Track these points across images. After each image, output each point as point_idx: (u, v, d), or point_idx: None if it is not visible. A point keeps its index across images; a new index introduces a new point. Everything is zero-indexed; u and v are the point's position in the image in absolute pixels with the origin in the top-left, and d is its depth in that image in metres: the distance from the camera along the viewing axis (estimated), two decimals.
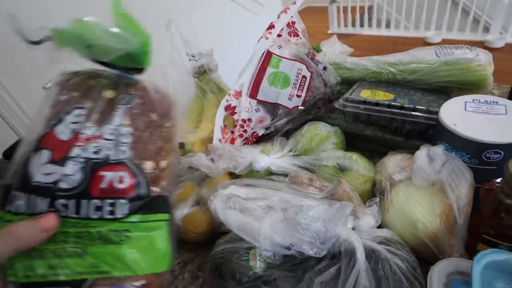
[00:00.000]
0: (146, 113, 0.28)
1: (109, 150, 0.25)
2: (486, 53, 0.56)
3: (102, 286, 0.24)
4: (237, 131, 0.56)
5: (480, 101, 0.38)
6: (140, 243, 0.25)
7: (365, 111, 0.50)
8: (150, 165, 0.26)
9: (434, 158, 0.35)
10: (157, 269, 0.26)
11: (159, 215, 0.27)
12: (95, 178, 0.25)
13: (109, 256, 0.24)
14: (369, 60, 0.66)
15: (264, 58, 0.59)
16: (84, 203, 0.24)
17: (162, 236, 0.27)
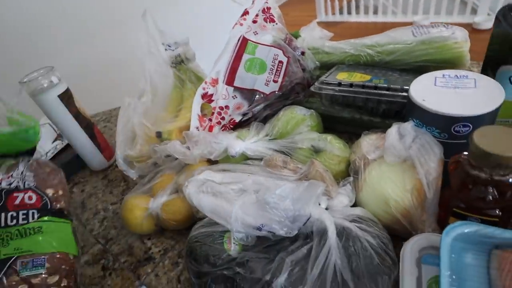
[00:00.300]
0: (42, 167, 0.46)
1: (17, 183, 0.41)
2: (462, 30, 0.56)
3: (26, 258, 0.36)
4: (214, 118, 0.56)
5: (450, 76, 0.38)
6: (51, 233, 0.39)
7: (340, 92, 0.50)
8: (51, 191, 0.43)
9: (404, 134, 0.35)
10: (67, 249, 0.40)
11: (62, 219, 0.42)
12: (9, 199, 0.39)
13: (28, 242, 0.37)
14: (347, 43, 0.65)
15: (240, 44, 0.58)
16: (2, 215, 0.38)
17: (67, 232, 0.41)
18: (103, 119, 0.97)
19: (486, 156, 0.27)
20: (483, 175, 0.28)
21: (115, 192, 0.64)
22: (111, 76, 1.28)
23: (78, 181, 0.70)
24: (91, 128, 0.67)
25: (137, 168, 0.56)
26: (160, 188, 0.50)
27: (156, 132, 0.55)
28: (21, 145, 0.46)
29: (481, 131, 0.28)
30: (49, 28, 1.27)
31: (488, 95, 0.34)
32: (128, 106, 0.62)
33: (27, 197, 0.40)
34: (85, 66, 1.37)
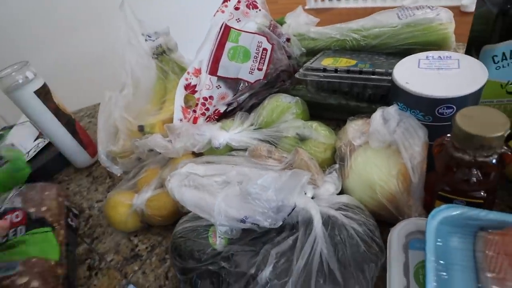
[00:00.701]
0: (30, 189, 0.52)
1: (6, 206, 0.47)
2: (447, 11, 0.55)
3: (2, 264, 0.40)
4: (199, 109, 0.54)
5: (433, 58, 0.37)
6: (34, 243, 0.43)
7: (325, 78, 0.49)
8: (34, 209, 0.47)
9: (388, 118, 0.34)
10: (45, 255, 0.42)
11: (44, 228, 0.45)
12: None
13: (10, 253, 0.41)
14: (333, 28, 0.64)
15: (222, 32, 0.56)
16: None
17: (49, 240, 0.44)
18: (87, 114, 0.94)
19: (469, 137, 0.26)
20: (467, 157, 0.28)
21: (100, 189, 0.62)
22: (94, 70, 1.25)
23: (62, 180, 0.68)
24: (73, 124, 0.65)
25: (121, 163, 0.55)
26: (145, 183, 0.49)
27: (138, 126, 0.53)
28: (14, 184, 0.55)
29: (463, 112, 0.27)
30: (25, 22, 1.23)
31: (471, 76, 0.33)
32: (109, 100, 0.60)
33: (14, 216, 0.45)
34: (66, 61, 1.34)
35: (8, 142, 0.73)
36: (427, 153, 0.33)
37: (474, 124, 0.26)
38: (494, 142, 0.26)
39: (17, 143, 0.73)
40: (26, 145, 0.75)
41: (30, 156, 0.71)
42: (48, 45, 1.31)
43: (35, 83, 0.58)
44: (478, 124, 0.26)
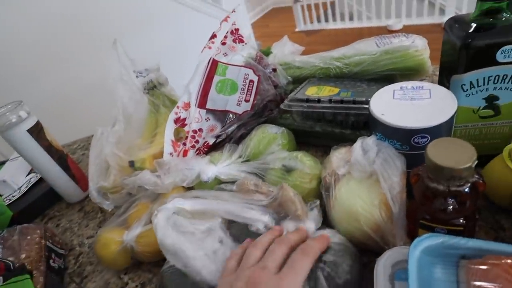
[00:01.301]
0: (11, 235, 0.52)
1: None
2: (421, 38, 0.57)
3: None
4: (188, 142, 0.56)
5: (407, 88, 0.39)
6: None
7: (308, 108, 0.50)
8: (13, 257, 0.47)
9: (367, 149, 0.35)
10: None
11: (23, 276, 0.44)
12: None
13: None
14: (317, 57, 0.67)
15: (210, 67, 0.59)
16: None
17: (27, 286, 0.44)
18: (81, 146, 0.95)
19: (440, 169, 0.27)
20: (441, 187, 0.29)
21: (91, 225, 0.62)
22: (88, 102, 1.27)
23: (53, 215, 0.68)
24: (65, 160, 0.66)
25: (112, 199, 0.55)
26: (135, 219, 0.49)
27: (129, 161, 0.54)
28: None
29: (434, 144, 0.29)
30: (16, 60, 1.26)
31: (442, 105, 0.35)
32: (101, 136, 0.61)
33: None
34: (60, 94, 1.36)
35: (0, 177, 0.73)
36: (407, 181, 0.34)
37: (444, 156, 0.28)
38: (463, 173, 0.27)
39: (9, 179, 0.73)
40: (18, 180, 0.75)
41: (22, 192, 0.71)
42: (43, 79, 1.33)
43: (28, 121, 0.59)
44: (448, 156, 0.28)
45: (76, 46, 1.39)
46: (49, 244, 0.54)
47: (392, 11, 2.75)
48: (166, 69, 0.71)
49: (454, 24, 0.37)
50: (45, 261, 0.49)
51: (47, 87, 1.34)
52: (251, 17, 4.01)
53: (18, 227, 0.53)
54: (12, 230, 0.52)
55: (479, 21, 0.35)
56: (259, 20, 4.20)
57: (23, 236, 0.51)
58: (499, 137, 0.40)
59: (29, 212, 0.67)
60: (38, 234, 0.53)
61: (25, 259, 0.47)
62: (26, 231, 0.52)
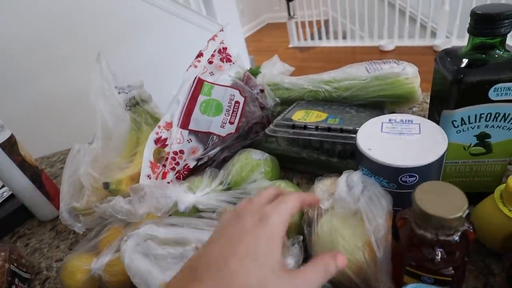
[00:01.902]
0: None
1: None
2: (412, 66, 0.57)
3: None
4: (168, 164, 0.53)
5: (396, 121, 0.37)
6: None
7: (294, 135, 0.48)
8: None
9: (352, 185, 0.33)
10: None
11: None
12: None
13: None
14: (306, 79, 0.65)
15: (195, 86, 0.56)
16: None
17: None
18: (60, 159, 0.91)
19: (428, 217, 0.25)
20: (429, 235, 0.27)
21: (62, 247, 0.58)
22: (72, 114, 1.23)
23: (23, 234, 0.64)
24: (39, 175, 0.62)
25: (84, 221, 0.52)
26: (106, 244, 0.46)
27: (103, 183, 0.51)
28: None
29: (422, 189, 0.27)
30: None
31: (432, 143, 0.33)
32: (77, 153, 0.58)
33: None
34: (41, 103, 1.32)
35: None
36: (393, 222, 0.32)
37: (433, 203, 0.26)
38: (453, 223, 0.25)
39: None
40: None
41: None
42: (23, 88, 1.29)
43: (1, 135, 0.56)
44: (437, 203, 0.26)
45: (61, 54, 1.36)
46: (14, 268, 0.50)
47: (385, 32, 2.80)
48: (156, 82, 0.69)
49: (446, 57, 0.36)
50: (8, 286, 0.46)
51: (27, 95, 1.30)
52: (245, 31, 4.05)
53: None
54: None
55: (471, 56, 0.34)
56: (253, 34, 4.24)
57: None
58: (490, 175, 0.39)
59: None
60: (2, 257, 0.49)
61: None
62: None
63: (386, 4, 2.68)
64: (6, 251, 0.50)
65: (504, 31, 0.31)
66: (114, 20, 1.54)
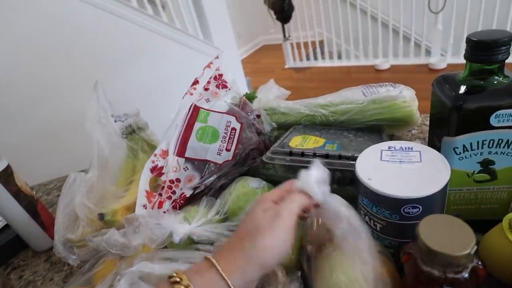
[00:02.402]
0: None
1: None
2: (409, 89, 0.57)
3: None
4: (164, 193, 0.52)
5: (395, 148, 0.36)
6: None
7: (291, 162, 0.48)
8: None
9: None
10: None
11: None
12: None
13: None
14: (302, 103, 0.65)
15: (191, 113, 0.56)
16: None
17: None
18: (57, 187, 0.90)
19: (434, 254, 0.24)
20: (436, 273, 0.25)
21: (56, 279, 0.56)
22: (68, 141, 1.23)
23: (17, 265, 0.62)
24: (34, 205, 0.61)
25: (78, 253, 0.50)
26: (101, 278, 0.44)
27: (98, 214, 0.50)
28: None
29: (427, 223, 0.26)
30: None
31: (434, 171, 0.32)
32: (73, 183, 0.57)
33: None
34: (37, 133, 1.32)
35: None
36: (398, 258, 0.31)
37: (439, 239, 0.24)
38: (461, 260, 0.24)
39: None
40: None
41: None
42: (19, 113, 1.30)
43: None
44: (444, 239, 0.24)
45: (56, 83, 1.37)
46: None
47: (379, 51, 2.85)
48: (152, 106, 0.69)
49: (444, 83, 0.35)
50: None
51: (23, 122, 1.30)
52: (242, 53, 4.12)
53: None
54: None
55: (469, 82, 0.34)
56: (250, 56, 4.32)
57: None
58: (497, 202, 0.38)
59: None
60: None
61: None
62: None
63: (380, 24, 2.74)
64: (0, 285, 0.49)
65: (501, 58, 0.31)
66: (111, 46, 1.56)
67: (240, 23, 3.89)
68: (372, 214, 0.34)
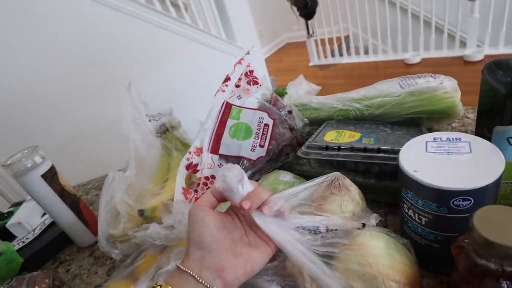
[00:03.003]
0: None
1: None
2: (451, 79, 0.54)
3: None
4: (200, 189, 0.53)
5: (441, 139, 0.35)
6: None
7: (328, 157, 0.47)
8: None
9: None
10: None
11: None
12: None
13: None
14: (335, 98, 0.64)
15: (223, 110, 0.57)
16: None
17: None
18: (95, 186, 0.94)
19: (491, 245, 0.23)
20: (492, 266, 0.24)
21: (100, 272, 0.59)
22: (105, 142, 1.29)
23: (64, 260, 0.66)
24: (77, 203, 0.64)
25: (120, 248, 0.52)
26: (142, 271, 0.46)
27: (139, 210, 0.52)
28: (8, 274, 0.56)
29: (482, 214, 0.24)
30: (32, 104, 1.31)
31: (486, 162, 0.30)
32: (112, 181, 0.60)
33: None
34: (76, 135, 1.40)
35: (15, 219, 0.73)
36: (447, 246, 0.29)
37: (495, 229, 0.23)
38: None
39: (24, 220, 0.73)
40: (33, 222, 0.74)
41: (35, 234, 0.70)
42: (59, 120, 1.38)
43: (43, 166, 0.59)
44: (501, 229, 0.23)
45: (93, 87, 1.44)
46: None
47: (409, 45, 2.74)
48: (181, 107, 0.70)
49: (496, 68, 0.33)
50: None
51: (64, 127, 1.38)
52: (265, 52, 4.11)
53: (27, 276, 0.51)
54: (20, 279, 0.51)
55: None
56: (273, 55, 4.30)
57: (31, 286, 0.49)
58: None
59: (40, 256, 0.66)
60: (46, 284, 0.50)
61: None
62: (34, 280, 0.50)
63: (410, 15, 2.64)
64: (50, 277, 0.51)
65: None
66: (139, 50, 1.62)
67: (263, 21, 3.89)
68: (417, 208, 0.33)
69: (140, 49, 1.63)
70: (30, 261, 0.63)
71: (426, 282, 0.37)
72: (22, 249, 0.66)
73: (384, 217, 0.47)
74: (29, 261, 0.63)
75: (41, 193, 0.59)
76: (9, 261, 0.58)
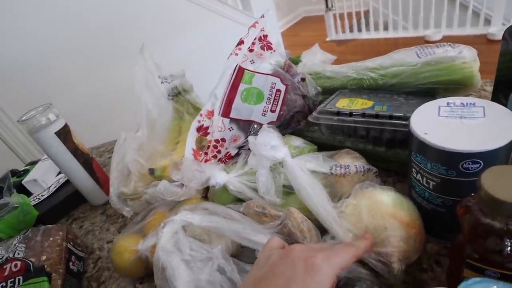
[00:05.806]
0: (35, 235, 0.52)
1: (8, 255, 0.47)
2: (470, 49, 0.52)
3: None
4: (210, 152, 0.53)
5: (455, 104, 0.34)
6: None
7: (339, 122, 0.46)
8: (34, 258, 0.47)
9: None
10: None
11: (41, 278, 0.45)
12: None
13: None
14: (349, 67, 0.62)
15: (236, 74, 0.56)
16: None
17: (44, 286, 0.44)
18: (108, 149, 0.97)
19: (498, 203, 0.23)
20: (497, 225, 0.24)
21: (112, 229, 0.62)
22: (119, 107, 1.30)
23: (77, 217, 0.69)
24: (90, 163, 0.66)
25: (131, 205, 0.54)
26: (152, 228, 0.48)
27: (149, 169, 0.53)
28: (24, 226, 0.59)
29: (490, 172, 0.24)
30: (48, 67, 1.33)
31: (499, 126, 0.30)
32: (124, 141, 0.61)
33: (13, 265, 0.45)
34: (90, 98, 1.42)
35: (31, 176, 0.76)
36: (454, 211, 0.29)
37: (503, 188, 0.23)
38: None
39: (40, 178, 0.76)
40: (48, 180, 0.77)
41: (50, 192, 0.73)
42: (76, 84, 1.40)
43: (57, 124, 0.60)
44: (508, 188, 0.23)
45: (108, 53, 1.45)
46: (70, 246, 0.54)
47: (431, 21, 2.62)
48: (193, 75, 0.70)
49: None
50: (65, 264, 0.49)
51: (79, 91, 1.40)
52: (281, 25, 4.00)
53: (42, 228, 0.54)
54: (36, 230, 0.53)
55: None
56: (289, 28, 4.19)
57: (46, 237, 0.52)
58: None
59: (55, 212, 0.69)
60: (60, 236, 0.53)
61: (46, 261, 0.47)
62: (49, 232, 0.53)
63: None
64: (64, 231, 0.54)
65: None
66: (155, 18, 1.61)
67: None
68: (425, 171, 0.33)
69: (155, 17, 1.61)
70: (45, 216, 0.66)
71: (430, 246, 0.38)
72: (37, 205, 0.68)
73: (392, 185, 0.47)
74: (44, 217, 0.65)
75: (55, 150, 0.61)
76: (25, 213, 0.60)
